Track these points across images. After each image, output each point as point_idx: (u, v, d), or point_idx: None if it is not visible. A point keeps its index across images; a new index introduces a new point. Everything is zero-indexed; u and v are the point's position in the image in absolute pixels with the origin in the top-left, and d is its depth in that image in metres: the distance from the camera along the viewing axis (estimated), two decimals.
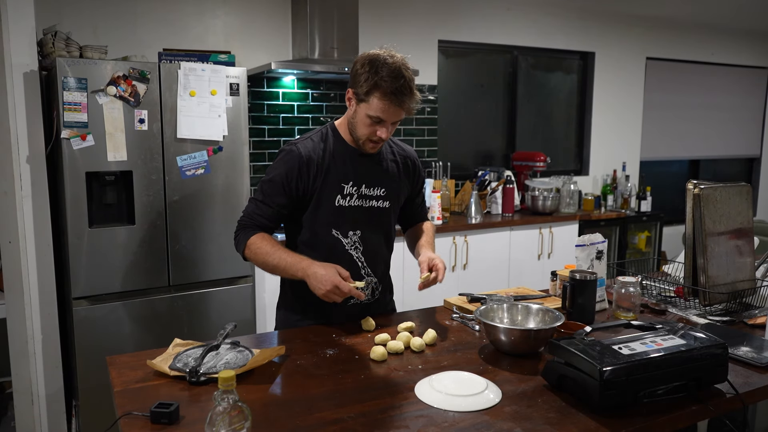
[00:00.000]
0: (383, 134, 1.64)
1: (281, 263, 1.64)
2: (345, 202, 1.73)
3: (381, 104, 1.59)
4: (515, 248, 3.91)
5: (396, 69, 1.57)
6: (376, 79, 1.57)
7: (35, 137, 2.56)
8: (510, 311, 1.65)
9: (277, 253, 1.65)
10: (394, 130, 1.70)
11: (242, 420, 1.02)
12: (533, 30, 4.60)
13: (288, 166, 1.69)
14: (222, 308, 2.88)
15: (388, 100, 1.58)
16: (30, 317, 2.62)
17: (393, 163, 1.82)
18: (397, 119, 1.64)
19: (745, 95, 6.01)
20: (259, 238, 1.69)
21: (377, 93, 1.58)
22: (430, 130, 4.28)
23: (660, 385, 1.25)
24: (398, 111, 1.61)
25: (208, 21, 3.46)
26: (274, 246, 1.67)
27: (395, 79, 1.56)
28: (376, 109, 1.60)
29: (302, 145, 1.71)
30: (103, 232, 2.59)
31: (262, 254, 1.66)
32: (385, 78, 1.56)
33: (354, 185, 1.74)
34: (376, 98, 1.58)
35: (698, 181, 1.89)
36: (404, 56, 1.63)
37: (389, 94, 1.56)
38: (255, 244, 1.68)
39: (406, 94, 1.58)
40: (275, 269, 1.67)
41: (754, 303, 1.93)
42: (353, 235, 1.75)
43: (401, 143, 1.91)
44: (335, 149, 1.74)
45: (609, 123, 5.10)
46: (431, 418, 1.20)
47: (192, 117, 2.69)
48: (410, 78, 1.59)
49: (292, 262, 1.63)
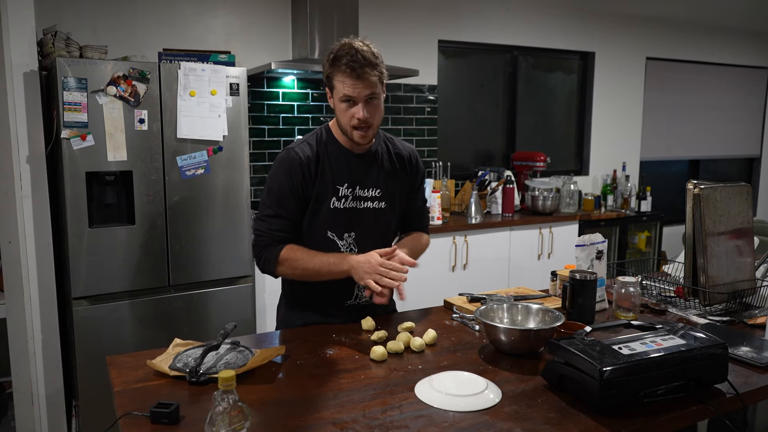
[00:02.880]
0: (359, 114, 1.62)
1: (324, 266, 1.65)
2: (340, 204, 1.72)
3: (341, 82, 1.60)
4: (515, 248, 3.91)
5: (346, 45, 1.60)
6: (332, 60, 1.61)
7: (35, 137, 2.56)
8: (510, 311, 1.65)
9: (316, 258, 1.66)
10: (376, 112, 1.66)
11: (242, 420, 1.02)
12: (533, 30, 4.60)
13: (291, 172, 1.68)
14: (222, 308, 2.88)
15: (347, 76, 1.59)
16: (30, 317, 2.62)
17: (389, 162, 1.80)
18: (365, 93, 1.61)
19: (745, 95, 6.00)
20: (290, 251, 1.68)
21: (336, 74, 1.61)
22: (430, 130, 4.28)
23: (660, 385, 1.25)
24: (361, 83, 1.59)
25: (208, 21, 3.46)
26: (308, 252, 1.67)
27: (348, 54, 1.59)
28: (340, 89, 1.62)
29: (300, 149, 1.71)
30: (103, 232, 2.59)
31: (302, 264, 1.66)
32: (338, 55, 1.60)
33: (349, 187, 1.73)
34: (338, 80, 1.61)
35: (698, 181, 1.88)
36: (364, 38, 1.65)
37: (345, 67, 1.58)
38: (289, 258, 1.67)
39: (362, 63, 1.58)
40: (318, 273, 1.66)
41: (754, 303, 1.93)
42: (348, 237, 1.75)
43: (400, 142, 1.88)
44: (330, 151, 1.73)
45: (609, 123, 5.10)
46: (431, 418, 1.20)
47: (192, 117, 2.69)
48: (362, 49, 1.59)
49: (335, 261, 1.64)
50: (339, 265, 1.64)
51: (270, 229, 1.70)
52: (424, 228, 1.96)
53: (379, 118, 1.68)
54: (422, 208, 1.95)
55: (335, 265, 1.64)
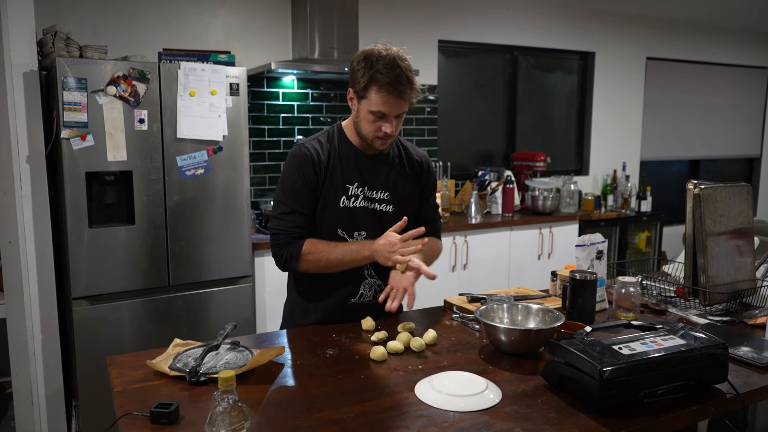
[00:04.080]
0: (388, 129, 1.62)
1: (347, 254, 1.66)
2: (350, 203, 1.73)
3: (380, 97, 1.58)
4: (515, 248, 3.91)
5: (391, 60, 1.56)
6: (372, 73, 1.56)
7: (35, 137, 2.56)
8: (510, 311, 1.65)
9: (337, 248, 1.67)
10: (400, 124, 1.68)
11: (242, 420, 1.02)
12: (533, 30, 4.60)
13: (302, 167, 1.69)
14: (222, 308, 2.88)
15: (387, 92, 1.57)
16: (30, 317, 2.62)
17: (400, 166, 1.80)
18: (398, 112, 1.62)
19: (745, 95, 6.00)
20: (311, 245, 1.68)
21: (375, 86, 1.57)
22: (430, 130, 4.27)
23: (660, 385, 1.25)
24: (398, 102, 1.59)
25: (208, 21, 3.46)
26: (328, 244, 1.68)
27: (391, 70, 1.55)
28: (376, 104, 1.59)
29: (310, 145, 1.71)
30: (103, 232, 2.59)
31: (325, 256, 1.67)
32: (381, 70, 1.56)
33: (359, 186, 1.73)
34: (375, 92, 1.58)
35: (698, 181, 1.88)
36: (400, 49, 1.62)
37: (386, 85, 1.56)
38: (310, 252, 1.67)
39: (404, 84, 1.57)
40: (342, 262, 1.67)
41: (754, 303, 1.93)
42: (358, 235, 1.75)
43: (413, 147, 1.87)
44: (341, 150, 1.73)
45: (609, 123, 5.10)
46: (431, 418, 1.20)
47: (192, 117, 2.69)
48: (407, 68, 1.58)
49: (356, 248, 1.66)
50: (361, 251, 1.65)
51: (288, 227, 1.69)
52: (437, 234, 1.94)
53: (399, 129, 1.69)
54: (434, 214, 1.94)
55: (357, 252, 1.65)
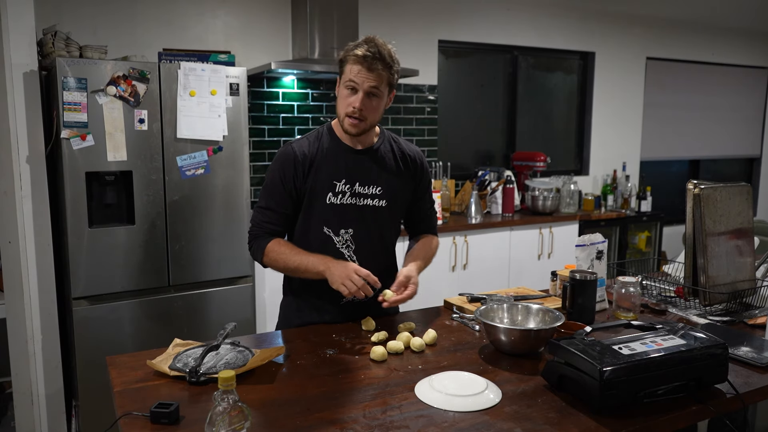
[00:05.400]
0: (356, 103, 1.65)
1: (302, 264, 1.68)
2: (337, 200, 1.73)
3: (351, 68, 1.65)
4: (515, 248, 3.91)
5: (369, 38, 1.66)
6: (348, 49, 1.67)
7: (35, 137, 2.56)
8: (510, 311, 1.65)
9: (297, 256, 1.69)
10: (376, 108, 1.68)
11: (242, 420, 1.02)
12: (533, 30, 4.60)
13: (283, 166, 1.73)
14: (222, 308, 2.88)
15: (358, 63, 1.63)
16: (30, 317, 2.61)
17: (393, 162, 1.80)
18: (369, 84, 1.64)
19: (745, 95, 6.00)
20: (275, 244, 1.73)
21: (349, 59, 1.66)
22: (430, 130, 4.27)
23: (660, 385, 1.25)
24: (369, 76, 1.63)
25: (208, 21, 3.46)
26: (292, 249, 1.72)
27: (366, 44, 1.64)
28: (347, 75, 1.65)
29: (297, 144, 1.75)
30: (103, 232, 2.59)
31: (283, 259, 1.71)
32: (357, 44, 1.65)
33: (347, 183, 1.74)
34: (348, 65, 1.66)
35: (698, 181, 1.88)
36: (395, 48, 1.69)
37: (360, 57, 1.63)
38: (273, 251, 1.72)
39: (377, 58, 1.63)
40: (296, 271, 1.71)
41: (754, 303, 1.93)
42: (345, 233, 1.75)
43: (406, 143, 1.88)
44: (329, 147, 1.75)
45: (609, 123, 5.10)
46: (431, 418, 1.20)
47: (192, 117, 2.69)
48: (382, 45, 1.65)
49: (314, 261, 1.67)
50: (316, 266, 1.67)
51: (262, 221, 1.75)
52: (432, 229, 1.97)
53: (374, 116, 1.70)
54: (430, 209, 1.96)
55: (312, 266, 1.67)
